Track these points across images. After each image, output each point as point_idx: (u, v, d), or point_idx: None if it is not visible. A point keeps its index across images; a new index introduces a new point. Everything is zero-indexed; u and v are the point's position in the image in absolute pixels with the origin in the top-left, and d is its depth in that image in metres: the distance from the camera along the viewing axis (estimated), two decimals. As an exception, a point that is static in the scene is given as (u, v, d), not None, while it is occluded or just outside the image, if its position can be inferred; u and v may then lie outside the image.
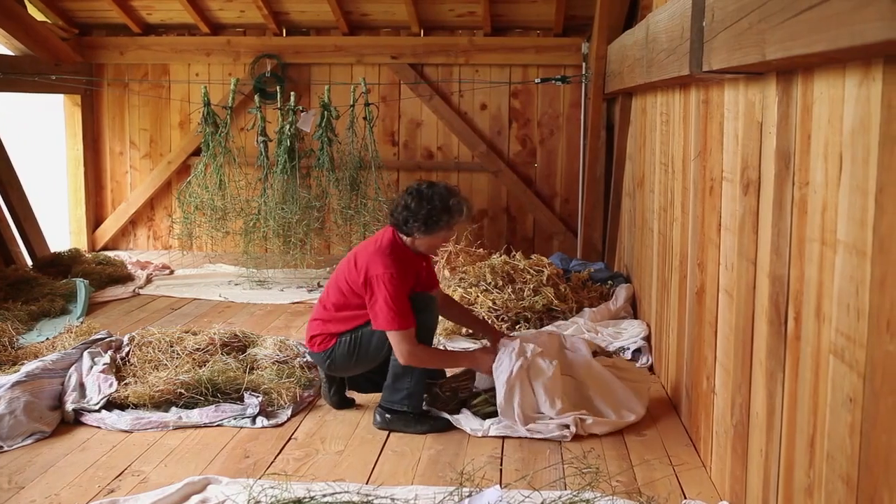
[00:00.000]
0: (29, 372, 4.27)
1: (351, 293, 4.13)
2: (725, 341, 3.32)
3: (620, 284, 6.25)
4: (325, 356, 4.23)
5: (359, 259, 4.13)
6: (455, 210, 4.09)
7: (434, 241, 4.19)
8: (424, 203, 4.04)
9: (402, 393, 4.12)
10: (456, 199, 4.12)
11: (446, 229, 4.14)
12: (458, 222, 4.17)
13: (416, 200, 4.05)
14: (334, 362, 4.22)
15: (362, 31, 8.81)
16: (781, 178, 2.61)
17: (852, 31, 1.70)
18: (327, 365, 4.26)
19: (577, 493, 3.21)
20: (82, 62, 8.85)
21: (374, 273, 4.01)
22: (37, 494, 3.41)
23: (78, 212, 9.08)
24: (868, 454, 1.97)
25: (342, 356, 4.19)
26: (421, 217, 4.03)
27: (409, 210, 4.05)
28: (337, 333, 4.18)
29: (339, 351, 4.19)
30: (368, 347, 4.14)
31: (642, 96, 5.94)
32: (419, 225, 4.04)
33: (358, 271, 4.09)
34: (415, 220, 4.04)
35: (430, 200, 4.04)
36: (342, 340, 4.18)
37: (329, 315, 4.22)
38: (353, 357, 4.17)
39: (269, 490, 3.18)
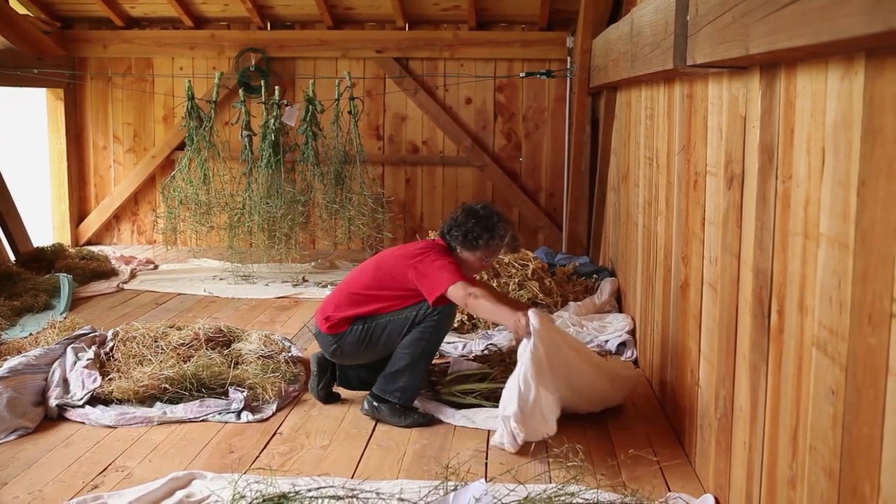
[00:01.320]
0: (12, 368, 4.24)
1: (382, 282, 4.14)
2: (709, 335, 3.33)
3: (605, 278, 6.26)
4: (333, 340, 4.19)
5: (402, 251, 4.23)
6: (497, 233, 4.14)
7: (473, 261, 4.19)
8: (471, 218, 4.13)
9: (397, 384, 4.12)
10: (503, 224, 4.17)
11: (484, 250, 4.15)
12: (499, 247, 4.19)
13: (465, 215, 4.15)
14: (341, 348, 4.20)
15: (347, 25, 8.79)
16: (765, 172, 2.62)
17: (834, 25, 1.71)
18: (332, 350, 4.22)
19: (561, 487, 3.22)
20: (65, 56, 8.79)
21: (419, 255, 4.09)
22: (20, 490, 3.39)
23: (61, 206, 9.03)
24: (850, 446, 1.98)
25: (351, 343, 4.16)
26: (463, 230, 4.11)
27: (455, 222, 4.16)
28: (352, 318, 4.15)
29: (349, 338, 4.16)
30: (380, 339, 4.13)
31: (627, 90, 5.95)
32: (459, 237, 4.12)
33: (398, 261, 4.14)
34: (457, 231, 4.13)
35: (476, 217, 4.13)
36: (354, 329, 4.15)
37: (349, 299, 4.19)
38: (361, 346, 4.15)
39: (254, 485, 3.17)
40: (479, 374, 4.34)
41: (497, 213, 4.20)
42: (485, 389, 4.22)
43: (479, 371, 4.35)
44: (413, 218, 8.86)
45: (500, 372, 4.27)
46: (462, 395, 4.24)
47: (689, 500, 3.25)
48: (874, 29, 1.54)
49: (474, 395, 4.23)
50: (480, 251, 4.15)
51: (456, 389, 4.27)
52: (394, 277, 4.11)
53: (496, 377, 4.25)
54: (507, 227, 4.19)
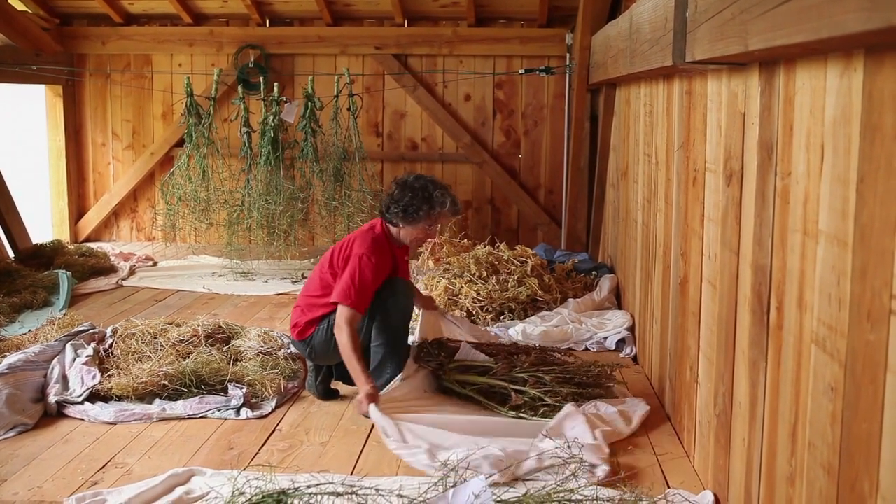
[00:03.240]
0: (11, 364, 4.24)
1: (333, 276, 4.19)
2: (708, 331, 3.33)
3: (605, 275, 6.27)
4: (305, 344, 4.27)
5: (348, 240, 4.25)
6: (437, 202, 4.14)
7: (417, 233, 4.23)
8: (407, 192, 4.12)
9: (384, 378, 4.16)
10: (440, 191, 4.16)
11: (426, 220, 4.18)
12: (440, 215, 4.20)
13: (400, 189, 4.15)
14: (314, 350, 4.26)
15: (346, 22, 8.78)
16: (764, 168, 2.62)
17: (833, 21, 1.71)
18: (308, 353, 4.30)
19: (560, 483, 3.22)
20: (63, 52, 8.78)
21: (355, 251, 4.11)
22: (20, 487, 3.39)
23: (60, 203, 9.02)
24: (849, 442, 1.98)
25: (320, 343, 4.22)
26: (402, 205, 4.12)
27: (392, 198, 4.16)
28: (316, 319, 4.22)
29: (317, 338, 4.23)
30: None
31: (626, 87, 5.95)
32: (399, 213, 4.14)
33: (342, 251, 4.20)
34: (395, 207, 4.14)
35: (412, 190, 4.12)
36: (321, 328, 4.21)
37: (310, 301, 4.27)
38: (330, 343, 4.17)
39: (254, 481, 3.17)
40: (482, 367, 4.29)
41: (432, 182, 4.19)
42: (483, 384, 4.20)
43: (483, 364, 4.30)
44: (412, 215, 8.84)
45: (502, 368, 4.24)
46: (460, 386, 4.23)
47: (689, 496, 3.25)
48: (873, 25, 1.54)
49: (473, 387, 4.21)
50: (422, 222, 4.16)
51: (456, 379, 4.25)
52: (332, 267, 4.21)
53: (497, 373, 4.22)
54: (445, 192, 4.18)
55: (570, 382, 4.16)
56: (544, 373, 4.17)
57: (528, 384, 4.11)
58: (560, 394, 4.05)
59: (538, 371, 4.18)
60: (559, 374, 4.18)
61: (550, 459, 3.48)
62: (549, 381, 4.11)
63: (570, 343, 5.27)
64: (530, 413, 4.02)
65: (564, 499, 3.07)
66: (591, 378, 4.22)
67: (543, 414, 3.99)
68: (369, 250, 4.10)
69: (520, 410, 4.03)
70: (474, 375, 4.24)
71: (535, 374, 4.14)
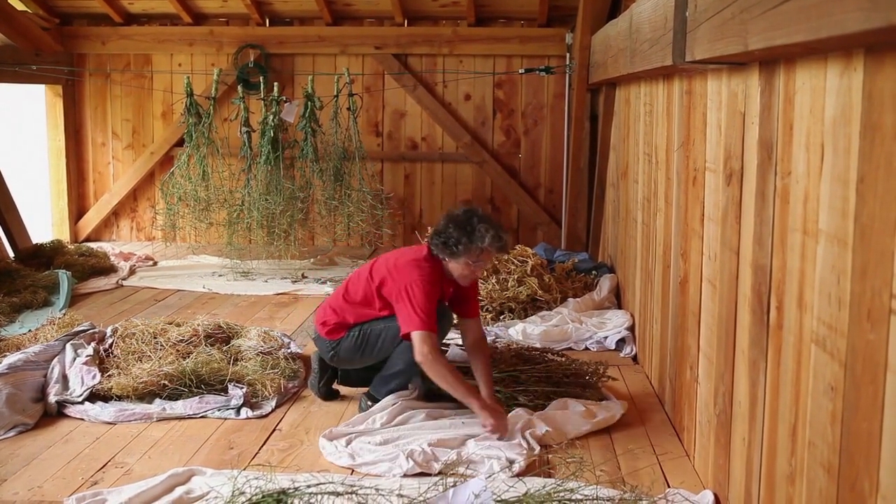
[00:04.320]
0: (11, 364, 4.24)
1: (376, 292, 4.06)
2: (708, 331, 3.33)
3: (604, 275, 6.26)
4: (330, 346, 4.18)
5: (394, 263, 4.03)
6: (477, 236, 3.85)
7: (461, 269, 3.96)
8: (450, 224, 3.89)
9: (389, 387, 4.16)
10: (484, 225, 3.87)
11: (466, 255, 3.89)
12: (481, 249, 3.88)
13: (445, 221, 3.94)
14: (338, 354, 4.19)
15: (346, 22, 8.78)
16: (764, 168, 2.62)
17: (833, 21, 1.71)
18: (330, 355, 4.21)
19: (561, 483, 3.22)
20: (63, 52, 8.78)
21: (405, 279, 3.89)
22: (20, 487, 3.39)
23: (60, 203, 9.02)
24: (849, 442, 1.98)
25: (347, 350, 4.15)
26: (443, 238, 3.90)
27: (437, 230, 3.95)
28: (348, 325, 4.13)
29: (345, 344, 4.14)
30: (375, 345, 4.10)
31: (626, 87, 5.95)
32: (439, 244, 3.91)
33: (390, 274, 4.00)
34: (437, 238, 3.92)
35: (455, 222, 3.88)
36: (351, 334, 4.13)
37: (347, 306, 4.15)
38: (358, 352, 4.14)
39: (254, 481, 3.17)
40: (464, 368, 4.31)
41: (477, 215, 3.92)
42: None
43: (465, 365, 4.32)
44: (412, 214, 8.86)
45: None
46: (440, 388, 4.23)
47: (689, 495, 3.25)
48: (873, 25, 1.54)
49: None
50: (463, 257, 3.89)
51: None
52: (382, 292, 4.04)
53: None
54: (488, 227, 3.87)
55: (548, 381, 4.17)
56: (521, 371, 4.19)
57: (504, 384, 4.15)
58: (535, 392, 4.06)
59: (515, 370, 4.21)
60: (537, 374, 4.20)
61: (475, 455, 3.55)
62: (524, 381, 4.13)
63: (569, 343, 5.27)
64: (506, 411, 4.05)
65: (564, 498, 3.07)
66: (569, 377, 4.24)
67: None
68: (418, 273, 3.90)
69: None
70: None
71: (512, 374, 4.16)
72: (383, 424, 3.90)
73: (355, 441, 3.73)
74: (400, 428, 3.88)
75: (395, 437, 3.74)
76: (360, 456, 3.61)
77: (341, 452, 3.65)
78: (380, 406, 4.06)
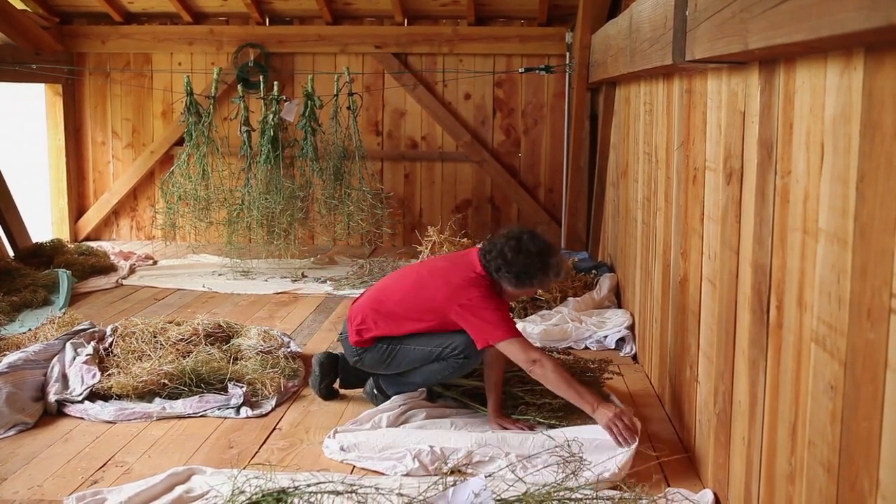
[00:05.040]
0: (11, 363, 4.24)
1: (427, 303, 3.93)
2: (708, 330, 3.33)
3: (604, 274, 6.26)
4: (356, 352, 4.10)
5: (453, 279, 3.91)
6: (552, 272, 3.84)
7: (518, 294, 4.00)
8: (522, 257, 3.77)
9: (399, 389, 4.17)
10: (556, 259, 3.85)
11: (537, 286, 3.94)
12: (550, 282, 3.95)
13: (514, 252, 3.78)
14: (362, 361, 4.11)
15: (346, 21, 8.78)
16: (764, 167, 2.62)
17: (833, 20, 1.71)
18: (354, 360, 4.15)
19: (560, 482, 3.22)
20: (63, 51, 8.78)
21: (467, 298, 3.81)
22: (20, 486, 3.39)
23: (60, 202, 9.02)
24: (849, 441, 1.98)
25: (372, 360, 4.08)
26: (514, 271, 3.78)
27: (505, 259, 3.78)
28: (379, 337, 4.03)
29: (371, 354, 4.06)
30: (400, 363, 4.04)
31: (626, 86, 5.95)
32: (510, 278, 3.80)
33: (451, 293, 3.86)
34: (507, 271, 3.79)
35: (528, 255, 3.78)
36: (378, 346, 4.03)
37: (384, 314, 4.03)
38: (381, 364, 4.08)
39: (254, 480, 3.17)
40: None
41: (547, 247, 3.86)
42: (468, 386, 4.22)
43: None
44: (412, 213, 8.86)
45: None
46: (444, 388, 4.24)
47: (688, 495, 3.25)
48: (873, 24, 1.54)
49: (458, 389, 4.22)
50: (532, 288, 3.92)
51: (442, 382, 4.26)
52: (433, 307, 3.90)
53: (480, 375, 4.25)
54: (560, 261, 3.88)
55: None
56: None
57: (510, 383, 4.14)
58: (541, 391, 4.06)
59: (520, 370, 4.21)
60: None
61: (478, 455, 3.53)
62: (530, 380, 4.13)
63: (569, 342, 5.27)
64: (511, 412, 4.05)
65: (564, 498, 3.07)
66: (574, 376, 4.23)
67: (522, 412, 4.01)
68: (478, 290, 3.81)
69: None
70: (460, 378, 4.26)
71: (517, 373, 4.17)
72: (389, 423, 3.91)
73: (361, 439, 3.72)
74: (406, 427, 3.88)
75: (403, 437, 3.74)
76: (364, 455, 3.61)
77: (346, 451, 3.64)
78: (387, 405, 4.06)
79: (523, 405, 4.02)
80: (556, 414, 3.94)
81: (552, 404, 3.97)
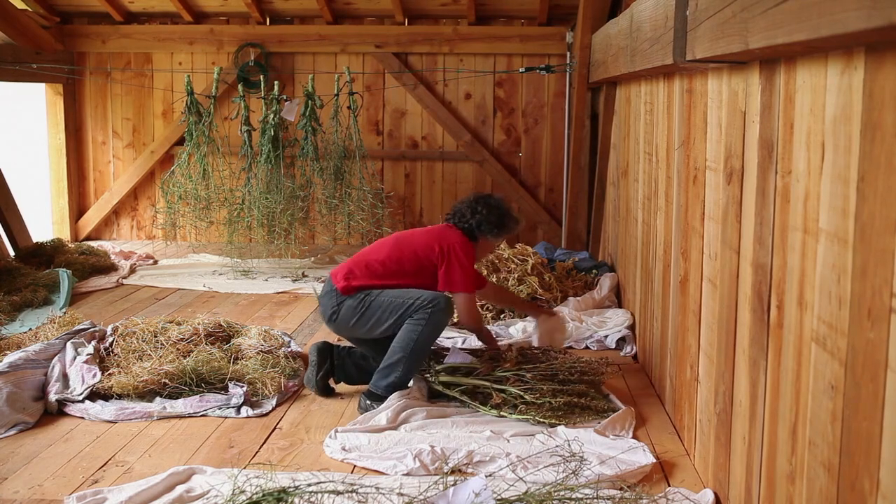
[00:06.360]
0: (12, 363, 4.24)
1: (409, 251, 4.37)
2: (709, 330, 3.33)
3: (605, 273, 6.26)
4: (336, 301, 4.30)
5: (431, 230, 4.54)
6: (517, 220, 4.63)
7: (490, 248, 4.66)
8: (496, 210, 4.49)
9: (388, 380, 4.19)
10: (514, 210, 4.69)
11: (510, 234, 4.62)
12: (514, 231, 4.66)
13: (487, 207, 4.48)
14: (339, 314, 4.30)
15: (346, 20, 8.78)
16: (764, 167, 2.62)
17: (833, 19, 1.71)
18: (331, 313, 4.32)
19: (561, 482, 3.22)
20: (64, 51, 8.78)
21: (450, 243, 4.36)
22: (20, 485, 3.39)
23: (60, 201, 9.02)
24: (849, 441, 1.98)
25: (348, 309, 4.27)
26: (493, 221, 4.45)
27: (482, 215, 4.45)
28: (362, 286, 4.28)
29: (349, 302, 4.27)
30: (372, 315, 4.24)
31: (626, 85, 5.95)
32: (491, 228, 4.46)
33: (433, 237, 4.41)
34: (488, 222, 4.44)
35: (499, 208, 4.51)
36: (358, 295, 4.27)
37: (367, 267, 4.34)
38: (355, 315, 4.26)
39: (254, 480, 3.17)
40: (467, 368, 4.34)
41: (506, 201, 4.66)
42: (468, 385, 4.22)
43: (469, 365, 4.35)
44: (412, 213, 8.86)
45: (485, 368, 4.28)
46: (445, 387, 4.24)
47: (689, 494, 3.25)
48: (874, 23, 1.54)
49: (459, 388, 4.23)
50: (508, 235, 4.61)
51: (440, 381, 4.27)
52: (414, 254, 4.35)
53: (481, 373, 4.26)
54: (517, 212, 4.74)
55: (554, 380, 4.17)
56: (527, 371, 4.20)
57: (509, 382, 4.15)
58: (541, 390, 4.06)
59: (520, 369, 4.22)
60: (542, 372, 4.20)
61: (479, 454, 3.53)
62: (529, 379, 4.14)
63: (569, 342, 5.27)
64: (511, 411, 4.05)
65: (564, 497, 3.07)
66: (574, 374, 4.24)
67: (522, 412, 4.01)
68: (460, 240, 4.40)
69: (500, 409, 4.06)
70: (460, 377, 4.27)
71: (517, 373, 4.18)
72: (389, 421, 3.91)
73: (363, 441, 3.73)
74: (407, 426, 3.89)
75: (404, 437, 3.74)
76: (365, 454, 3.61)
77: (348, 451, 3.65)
78: (384, 405, 4.07)
79: (523, 405, 4.03)
80: (556, 413, 3.94)
81: (552, 404, 3.98)
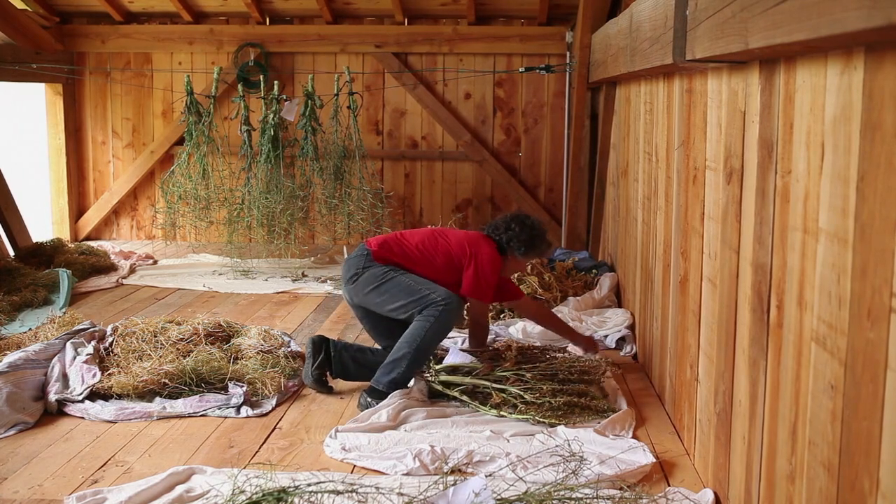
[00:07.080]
0: (12, 363, 4.24)
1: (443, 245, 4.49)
2: (709, 330, 3.33)
3: (605, 273, 6.26)
4: (364, 261, 4.44)
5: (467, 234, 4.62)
6: (549, 244, 4.76)
7: (518, 267, 4.76)
8: (528, 231, 4.57)
9: (390, 376, 4.22)
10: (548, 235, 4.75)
11: (538, 256, 4.82)
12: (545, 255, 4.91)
13: (521, 227, 4.57)
14: (359, 276, 4.43)
15: (346, 20, 8.78)
16: (764, 166, 2.62)
17: (833, 19, 1.71)
18: (354, 273, 4.44)
19: (561, 482, 3.22)
20: (63, 51, 8.78)
21: (479, 251, 4.47)
22: (20, 485, 3.39)
23: (60, 201, 9.02)
24: (849, 441, 1.98)
25: (370, 276, 4.40)
26: (524, 241, 4.54)
27: (515, 233, 4.55)
28: (391, 260, 4.44)
29: (373, 270, 4.41)
30: (387, 291, 4.35)
31: (626, 85, 5.95)
32: (520, 246, 4.55)
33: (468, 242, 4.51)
34: (518, 242, 4.54)
35: (532, 229, 4.59)
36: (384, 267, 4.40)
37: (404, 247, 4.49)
38: (373, 283, 4.38)
39: (254, 479, 3.17)
40: (467, 367, 4.34)
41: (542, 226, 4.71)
42: (468, 384, 4.22)
43: (469, 365, 4.35)
44: (412, 213, 8.86)
45: (485, 368, 4.29)
46: (445, 387, 4.25)
47: (689, 494, 3.25)
48: (874, 23, 1.54)
49: (458, 388, 4.23)
50: (535, 257, 4.80)
51: (440, 380, 4.28)
52: (447, 251, 4.46)
53: (481, 373, 4.26)
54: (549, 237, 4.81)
55: (554, 379, 4.17)
56: (526, 370, 4.21)
57: (509, 382, 4.15)
58: (541, 390, 4.07)
59: (520, 369, 4.22)
60: (542, 372, 4.21)
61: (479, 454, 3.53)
62: (529, 379, 4.14)
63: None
64: (511, 411, 4.05)
65: (564, 497, 3.07)
66: (574, 374, 4.25)
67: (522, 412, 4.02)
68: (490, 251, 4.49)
69: (500, 409, 4.06)
70: (460, 377, 4.27)
71: (517, 373, 4.18)
72: (389, 419, 3.91)
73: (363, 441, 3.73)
74: (407, 426, 3.89)
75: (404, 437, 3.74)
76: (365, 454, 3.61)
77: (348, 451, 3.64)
78: (384, 403, 4.08)
79: (523, 405, 4.03)
80: (556, 413, 3.95)
81: (552, 404, 3.98)
